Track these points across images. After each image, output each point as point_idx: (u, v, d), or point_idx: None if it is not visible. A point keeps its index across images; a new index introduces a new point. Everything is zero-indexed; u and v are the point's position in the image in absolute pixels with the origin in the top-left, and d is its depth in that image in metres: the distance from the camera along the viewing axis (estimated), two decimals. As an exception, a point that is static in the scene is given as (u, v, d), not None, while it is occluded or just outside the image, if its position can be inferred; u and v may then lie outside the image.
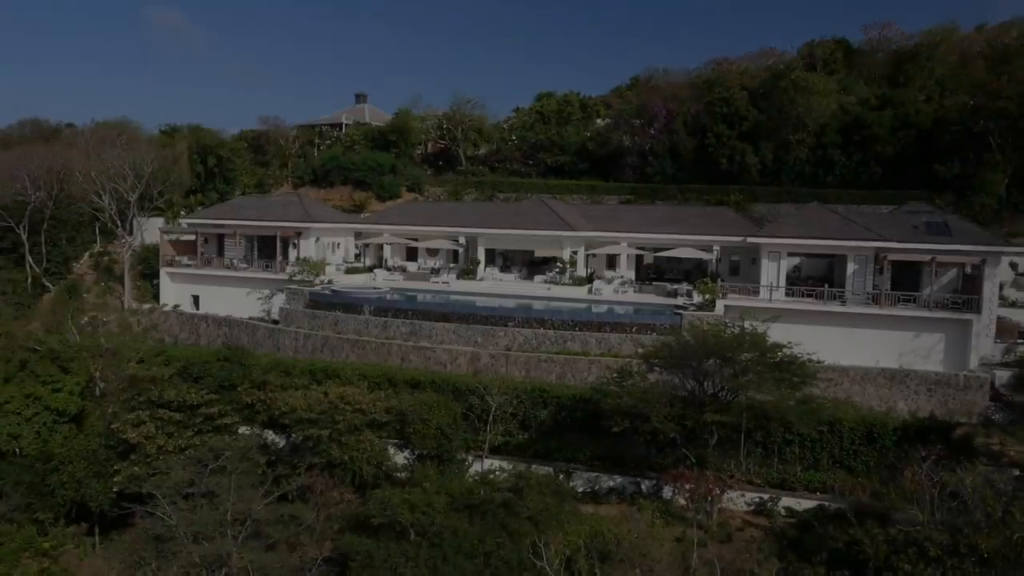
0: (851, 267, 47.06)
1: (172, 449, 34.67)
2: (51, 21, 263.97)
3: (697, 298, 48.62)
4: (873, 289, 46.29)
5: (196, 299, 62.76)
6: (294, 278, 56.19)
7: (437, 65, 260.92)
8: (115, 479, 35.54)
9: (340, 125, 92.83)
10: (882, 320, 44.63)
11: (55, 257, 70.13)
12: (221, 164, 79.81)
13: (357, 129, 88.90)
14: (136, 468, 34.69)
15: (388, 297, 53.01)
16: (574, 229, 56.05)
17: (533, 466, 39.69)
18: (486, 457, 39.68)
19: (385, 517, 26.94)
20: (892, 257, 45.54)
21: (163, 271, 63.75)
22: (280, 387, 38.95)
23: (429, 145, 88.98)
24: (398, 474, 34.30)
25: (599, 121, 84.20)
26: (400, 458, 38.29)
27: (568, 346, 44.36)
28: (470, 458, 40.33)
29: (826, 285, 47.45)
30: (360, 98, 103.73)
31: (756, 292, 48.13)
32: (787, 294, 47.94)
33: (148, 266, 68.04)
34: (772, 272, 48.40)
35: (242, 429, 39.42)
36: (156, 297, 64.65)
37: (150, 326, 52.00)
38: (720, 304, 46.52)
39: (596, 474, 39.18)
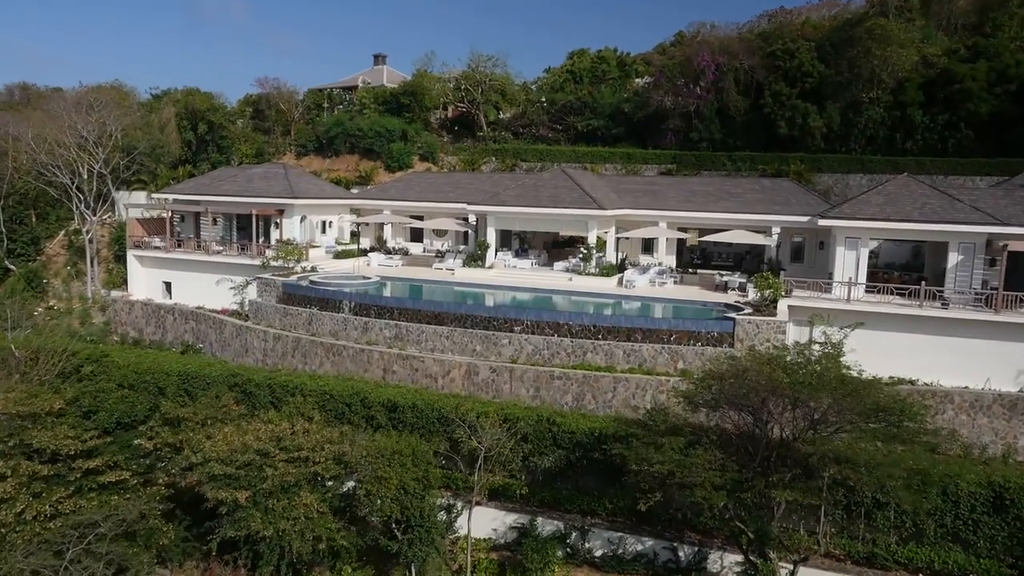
0: (953, 258, 36.71)
1: (35, 517, 25.51)
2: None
3: (753, 295, 39.01)
4: (984, 287, 36.04)
5: (168, 286, 54.59)
6: (268, 264, 47.62)
7: (463, 24, 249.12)
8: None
9: (356, 88, 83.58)
10: (997, 328, 34.29)
11: (21, 237, 62.75)
12: (214, 131, 71.97)
13: (367, 92, 79.36)
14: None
15: (372, 290, 44.22)
16: (602, 207, 46.03)
17: (538, 519, 31.05)
18: (478, 504, 30.82)
19: None
20: (1013, 246, 35.01)
21: (130, 254, 55.54)
22: (202, 422, 29.68)
23: (450, 109, 79.36)
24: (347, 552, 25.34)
25: (638, 81, 73.78)
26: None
27: (588, 358, 35.05)
28: (459, 504, 31.58)
29: (922, 281, 37.08)
30: (379, 59, 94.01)
31: (828, 288, 38.16)
32: (867, 290, 37.97)
33: (123, 247, 60.28)
34: (850, 263, 38.27)
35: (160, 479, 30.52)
36: (127, 283, 56.82)
37: (104, 322, 43.59)
38: (783, 304, 36.74)
39: (619, 534, 29.98)
